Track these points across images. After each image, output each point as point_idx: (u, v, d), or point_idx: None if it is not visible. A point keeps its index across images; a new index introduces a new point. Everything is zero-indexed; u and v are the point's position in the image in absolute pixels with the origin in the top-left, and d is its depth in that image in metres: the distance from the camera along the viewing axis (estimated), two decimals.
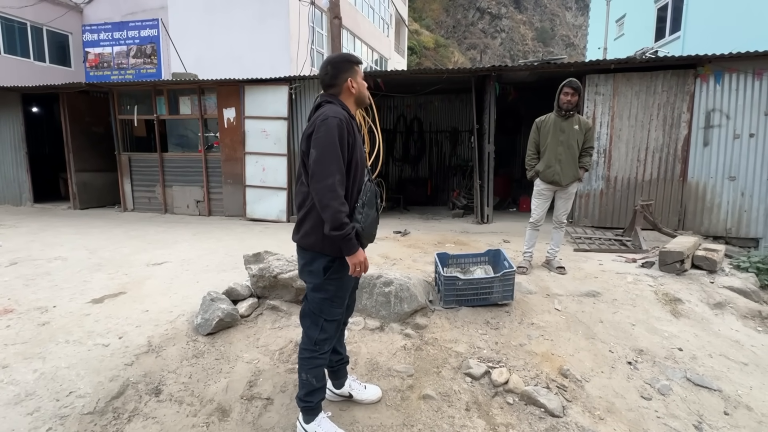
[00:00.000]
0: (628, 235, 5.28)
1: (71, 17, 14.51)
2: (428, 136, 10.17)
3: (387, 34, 20.36)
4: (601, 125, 6.12)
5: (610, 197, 6.20)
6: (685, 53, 6.83)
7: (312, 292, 1.87)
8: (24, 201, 8.96)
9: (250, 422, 2.10)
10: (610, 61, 5.95)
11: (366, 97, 1.90)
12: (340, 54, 1.92)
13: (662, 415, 2.18)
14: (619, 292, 3.48)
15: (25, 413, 2.05)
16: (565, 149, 3.77)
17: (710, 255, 3.93)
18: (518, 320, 2.99)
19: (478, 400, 2.26)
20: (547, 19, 41.13)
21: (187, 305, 3.18)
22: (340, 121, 1.69)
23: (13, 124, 8.73)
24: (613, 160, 6.14)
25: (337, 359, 2.14)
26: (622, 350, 2.70)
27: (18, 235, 6.01)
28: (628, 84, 5.98)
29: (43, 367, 2.41)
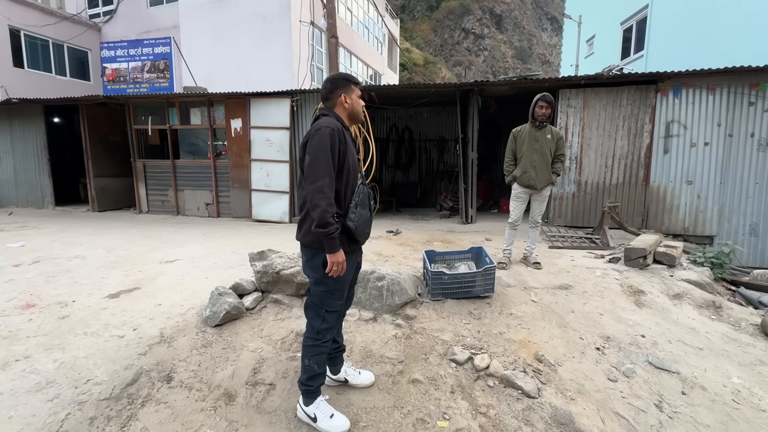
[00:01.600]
0: (597, 234, 5.32)
1: (90, 35, 14.35)
2: (418, 145, 10.19)
3: (381, 51, 20.37)
4: (572, 135, 6.18)
5: (581, 199, 6.25)
6: (647, 70, 6.92)
7: (314, 285, 1.89)
8: (46, 204, 8.83)
9: (254, 406, 2.09)
10: (580, 77, 6.02)
11: (359, 114, 1.92)
12: (339, 73, 1.96)
13: (627, 396, 2.20)
14: (588, 285, 3.50)
15: (46, 400, 2.02)
16: (539, 156, 3.80)
17: (670, 251, 3.98)
18: (498, 311, 3.01)
19: (462, 383, 2.27)
20: (526, 39, 41.46)
21: (196, 299, 3.16)
22: (332, 130, 1.73)
23: (36, 134, 8.61)
24: (583, 166, 6.20)
25: (334, 347, 2.14)
26: (591, 337, 2.72)
27: (40, 235, 5.92)
28: (597, 98, 6.05)
29: (62, 357, 2.37)
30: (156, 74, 12.20)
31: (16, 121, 8.69)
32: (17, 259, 4.49)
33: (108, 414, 1.98)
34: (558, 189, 6.24)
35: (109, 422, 1.94)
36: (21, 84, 12.01)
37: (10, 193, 9.03)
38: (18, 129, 8.71)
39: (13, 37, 12.16)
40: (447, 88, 6.81)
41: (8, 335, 2.64)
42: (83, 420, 1.92)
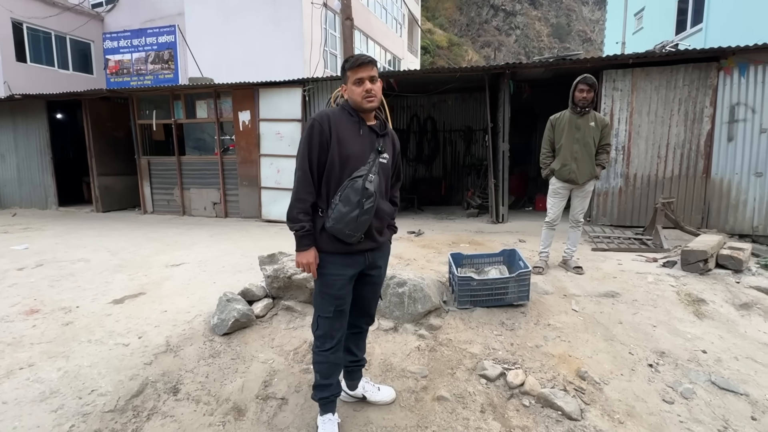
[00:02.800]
0: (648, 234, 5.14)
1: (92, 26, 14.95)
2: (442, 136, 10.11)
3: (400, 34, 20.35)
4: (619, 121, 5.98)
5: (630, 195, 6.05)
6: (707, 46, 6.62)
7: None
8: (49, 204, 9.27)
9: (266, 422, 2.12)
10: (628, 56, 5.81)
11: (358, 104, 1.83)
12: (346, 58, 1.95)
13: (685, 420, 2.11)
14: (639, 293, 3.39)
15: (50, 410, 2.11)
16: (581, 147, 3.70)
17: (736, 254, 3.80)
18: (534, 321, 2.94)
19: (494, 402, 2.23)
20: (563, 15, 40.46)
21: (204, 306, 3.24)
22: (314, 121, 1.80)
23: (39, 131, 9.05)
24: (632, 157, 6.00)
25: (351, 360, 2.14)
26: (643, 352, 2.63)
27: (44, 237, 6.22)
28: (648, 79, 5.83)
29: (66, 365, 2.48)
30: (160, 65, 12.60)
31: (19, 117, 9.15)
32: (21, 262, 4.73)
33: (113, 427, 2.06)
34: (602, 183, 6.06)
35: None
36: (24, 79, 12.65)
37: (14, 193, 9.53)
38: (21, 126, 9.18)
39: (15, 30, 12.81)
40: (474, 72, 6.73)
41: (12, 342, 2.78)
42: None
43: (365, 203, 1.75)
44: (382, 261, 2.04)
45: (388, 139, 1.95)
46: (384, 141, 1.91)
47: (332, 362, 1.96)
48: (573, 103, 3.68)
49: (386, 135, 1.94)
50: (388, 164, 1.94)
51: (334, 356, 1.95)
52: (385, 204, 1.96)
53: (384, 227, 1.99)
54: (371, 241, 1.90)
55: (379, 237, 1.95)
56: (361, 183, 1.75)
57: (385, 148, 1.91)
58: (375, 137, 1.89)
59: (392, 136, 2.01)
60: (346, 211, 1.74)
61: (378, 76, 1.87)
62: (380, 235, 1.95)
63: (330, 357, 1.93)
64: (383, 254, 2.05)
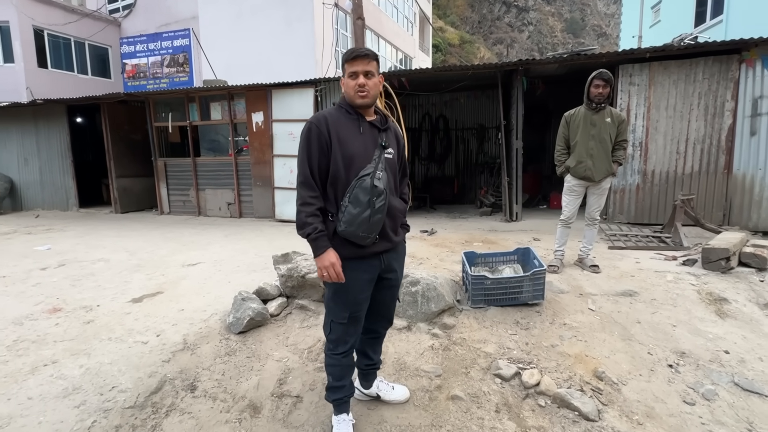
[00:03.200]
0: (667, 232, 5.03)
1: (110, 31, 15.31)
2: (454, 134, 10.05)
3: (411, 32, 20.30)
4: (636, 117, 5.86)
5: (647, 192, 5.92)
6: (728, 38, 6.43)
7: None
8: (70, 206, 9.52)
9: (281, 419, 2.15)
10: (645, 50, 5.69)
11: (351, 98, 1.76)
12: None
13: (707, 422, 2.06)
14: (658, 292, 3.31)
15: (73, 406, 2.17)
16: (597, 143, 3.63)
17: (759, 252, 3.68)
18: (549, 320, 2.91)
19: (509, 401, 2.21)
20: (577, 9, 39.81)
21: (219, 304, 3.29)
22: (311, 124, 1.75)
23: (60, 134, 9.30)
24: (650, 153, 5.87)
25: (366, 363, 2.13)
26: (663, 352, 2.57)
27: (65, 238, 6.39)
28: (666, 73, 5.70)
29: (88, 362, 2.55)
30: (175, 68, 12.81)
31: (41, 122, 9.42)
32: (44, 262, 4.87)
33: (133, 423, 2.10)
34: (619, 180, 5.95)
35: (134, 431, 2.05)
36: (45, 84, 13.03)
37: (36, 196, 9.82)
38: (43, 130, 9.45)
39: (37, 37, 13.20)
40: (487, 69, 6.67)
41: (36, 339, 2.87)
42: (109, 428, 2.05)
43: (376, 202, 1.68)
44: (398, 263, 1.96)
45: (390, 133, 1.88)
46: (387, 135, 1.84)
47: (345, 365, 1.94)
48: (588, 99, 3.62)
49: (388, 129, 1.87)
50: (394, 159, 1.87)
51: (346, 359, 1.94)
52: (396, 201, 1.89)
53: (398, 226, 1.91)
54: (386, 241, 1.82)
55: (394, 236, 1.87)
56: (369, 181, 1.68)
57: (389, 142, 1.83)
58: (377, 132, 1.82)
59: (394, 130, 1.94)
60: (357, 213, 1.67)
61: (376, 72, 1.77)
62: (395, 234, 1.88)
63: (343, 360, 1.92)
64: (399, 255, 1.97)
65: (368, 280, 1.84)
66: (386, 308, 2.03)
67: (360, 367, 2.14)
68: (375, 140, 1.79)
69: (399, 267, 1.98)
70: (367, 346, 2.10)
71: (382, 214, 1.72)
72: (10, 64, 12.87)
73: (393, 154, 1.85)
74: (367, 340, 2.08)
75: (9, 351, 2.72)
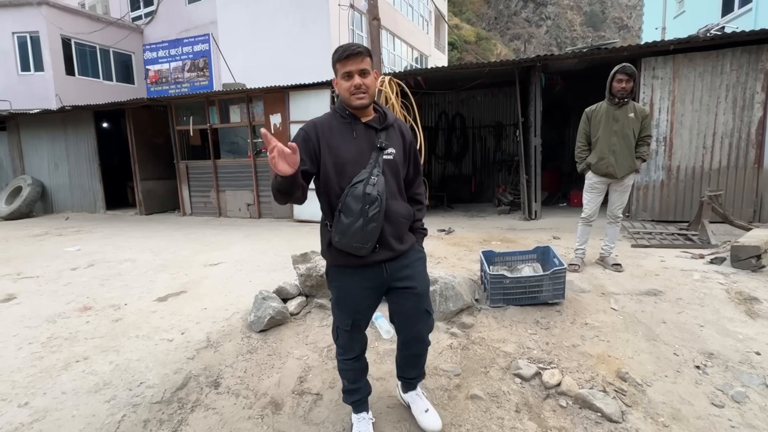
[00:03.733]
0: (694, 229, 4.87)
1: (133, 38, 15.77)
2: (471, 132, 9.98)
3: (426, 31, 20.21)
4: (659, 111, 5.70)
5: (672, 188, 5.75)
6: (757, 27, 6.18)
7: None
8: (98, 208, 9.86)
9: (302, 416, 2.18)
10: (669, 42, 5.52)
11: (346, 100, 1.66)
12: None
13: (737, 425, 1.99)
14: (684, 291, 3.22)
15: (104, 401, 2.26)
16: (620, 139, 3.55)
17: None
18: (570, 320, 2.86)
19: (529, 401, 2.19)
20: (597, 2, 38.87)
21: (241, 303, 3.36)
22: (300, 130, 1.70)
23: (88, 139, 9.64)
24: (674, 148, 5.70)
25: (399, 375, 2.07)
26: (689, 353, 2.50)
27: (94, 239, 6.63)
28: (691, 65, 5.52)
29: (117, 359, 2.64)
30: (196, 73, 13.12)
31: (69, 127, 9.79)
32: (74, 262, 5.07)
33: (160, 417, 2.17)
34: (642, 177, 5.80)
35: (162, 426, 2.12)
36: (73, 91, 13.52)
37: (66, 199, 10.21)
38: (71, 135, 9.82)
39: (64, 46, 13.72)
40: (504, 66, 6.60)
41: (69, 336, 2.99)
42: (138, 422, 2.12)
43: (369, 210, 1.56)
44: (411, 271, 1.77)
45: (393, 131, 1.74)
46: (388, 134, 1.71)
47: (357, 369, 1.93)
48: (611, 94, 3.55)
49: (389, 127, 1.73)
50: (396, 159, 1.71)
51: (358, 363, 1.93)
52: (399, 205, 1.72)
53: (402, 232, 1.75)
54: (387, 250, 1.69)
55: (397, 244, 1.72)
56: (361, 189, 1.57)
57: (390, 142, 1.70)
58: (374, 133, 1.69)
59: (399, 127, 1.78)
60: (349, 222, 1.58)
61: (371, 69, 1.64)
62: (398, 241, 1.73)
63: (354, 365, 1.91)
64: (409, 263, 1.77)
65: (370, 289, 1.75)
66: (407, 320, 1.82)
67: (400, 376, 2.08)
68: (371, 142, 1.67)
69: (414, 275, 1.78)
70: (403, 362, 1.99)
71: (377, 223, 1.59)
72: (40, 72, 13.42)
73: (394, 154, 1.70)
74: (402, 357, 1.98)
75: (44, 347, 2.84)
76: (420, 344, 1.89)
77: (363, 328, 1.89)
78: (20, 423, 2.10)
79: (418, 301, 1.80)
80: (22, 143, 10.37)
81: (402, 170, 1.76)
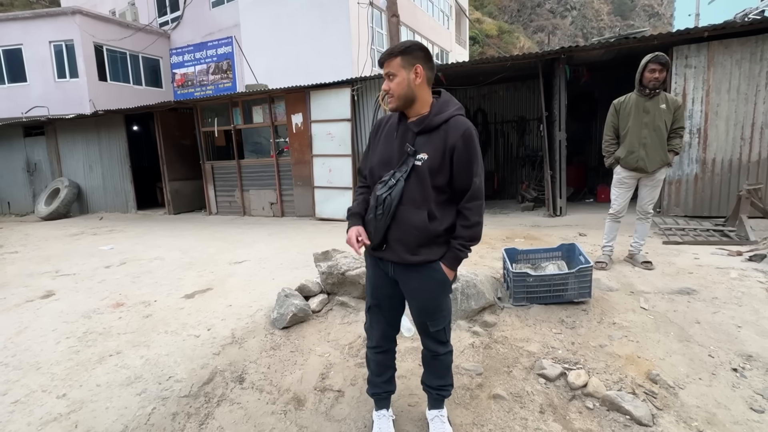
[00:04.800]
0: (731, 225, 4.64)
1: (160, 43, 16.28)
2: (493, 128, 9.81)
3: (447, 26, 20.00)
4: (693, 101, 5.45)
5: (707, 182, 5.49)
6: None
7: None
8: (129, 208, 10.25)
9: (324, 412, 2.21)
10: (703, 29, 5.26)
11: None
12: None
13: None
14: (720, 290, 3.07)
15: (135, 394, 2.35)
16: (651, 132, 3.41)
17: None
18: (597, 319, 2.78)
19: (554, 402, 2.14)
20: None
21: (264, 300, 3.42)
22: (376, 120, 1.84)
23: (119, 142, 10.03)
24: (709, 140, 5.44)
25: (422, 380, 1.99)
26: (726, 355, 2.39)
27: (126, 238, 6.90)
28: (727, 52, 5.24)
29: (147, 354, 2.74)
30: (220, 75, 13.43)
31: (103, 131, 10.21)
32: (107, 260, 5.29)
33: (188, 411, 2.24)
34: (674, 171, 5.56)
35: (189, 419, 2.19)
36: (105, 96, 14.10)
37: (100, 199, 10.65)
38: (105, 139, 10.23)
39: (97, 53, 14.30)
40: (527, 59, 6.45)
41: (103, 332, 3.13)
42: (167, 415, 2.20)
43: (377, 210, 1.65)
44: (414, 284, 1.72)
45: (437, 134, 1.61)
46: (429, 138, 1.62)
47: (377, 362, 1.94)
48: (641, 84, 3.41)
49: (433, 130, 1.62)
50: (426, 166, 1.59)
51: (379, 356, 1.93)
52: (415, 215, 1.62)
53: (413, 243, 1.65)
54: (393, 253, 1.69)
55: (404, 253, 1.66)
56: (380, 191, 1.66)
57: (425, 147, 1.61)
58: (411, 136, 1.64)
59: (447, 130, 1.61)
60: (369, 218, 1.73)
61: (399, 70, 1.61)
62: (406, 250, 1.66)
63: (376, 356, 1.93)
64: (418, 276, 1.70)
65: (382, 276, 1.80)
66: (420, 320, 1.82)
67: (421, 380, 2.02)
68: (404, 145, 1.65)
69: (417, 287, 1.73)
70: (423, 361, 1.96)
71: (382, 223, 1.65)
72: (75, 79, 14.04)
73: (425, 160, 1.60)
74: (422, 356, 1.95)
75: (80, 342, 2.98)
76: (429, 340, 1.85)
77: (382, 316, 1.88)
78: (59, 413, 2.21)
79: (422, 316, 1.80)
80: (59, 147, 10.87)
81: (434, 178, 1.62)
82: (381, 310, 1.88)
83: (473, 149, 1.61)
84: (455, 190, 1.66)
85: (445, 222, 1.67)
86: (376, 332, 1.91)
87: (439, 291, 1.74)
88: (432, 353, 1.87)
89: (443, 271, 1.70)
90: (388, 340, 1.93)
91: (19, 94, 14.02)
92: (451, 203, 1.69)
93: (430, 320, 1.79)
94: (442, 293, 1.76)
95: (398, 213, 1.64)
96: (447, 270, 1.70)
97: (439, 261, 1.69)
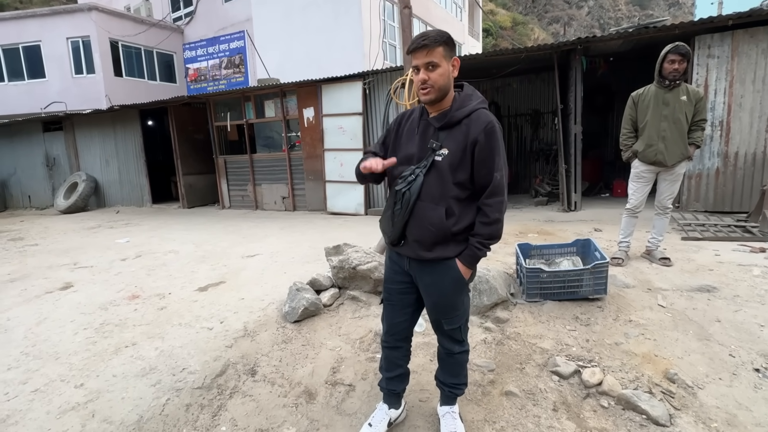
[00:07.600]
0: (754, 221, 4.50)
1: (174, 38, 16.42)
2: (507, 121, 9.67)
3: (460, 18, 19.73)
4: (715, 93, 5.27)
5: (729, 177, 5.33)
6: None
7: None
8: (145, 202, 10.42)
9: (334, 406, 2.21)
10: (727, 17, 5.07)
11: (417, 93, 1.65)
12: None
13: None
14: (742, 288, 2.98)
15: (150, 384, 2.39)
16: (670, 124, 3.31)
17: None
18: (613, 316, 2.72)
19: (567, 400, 2.11)
20: None
21: (276, 294, 3.44)
22: (398, 115, 1.81)
23: (134, 137, 10.18)
24: (732, 132, 5.26)
25: (435, 375, 1.98)
26: (747, 355, 2.32)
27: (141, 231, 7.02)
28: (753, 41, 5.05)
29: (162, 345, 2.78)
30: (232, 69, 13.49)
31: (118, 126, 10.37)
32: (124, 253, 5.38)
33: (201, 402, 2.27)
34: (694, 165, 5.41)
35: (203, 410, 2.22)
36: (120, 92, 14.30)
37: (116, 193, 10.85)
38: (120, 134, 10.40)
39: (112, 49, 14.50)
40: (541, 51, 6.32)
41: (119, 323, 3.19)
42: (180, 406, 2.23)
43: (395, 206, 1.65)
44: (428, 279, 1.70)
45: (458, 129, 1.58)
46: (450, 133, 1.59)
47: (385, 356, 1.95)
48: (661, 76, 3.31)
49: (454, 125, 1.59)
50: (446, 162, 1.57)
51: (385, 351, 1.95)
52: (432, 211, 1.60)
53: (429, 239, 1.63)
54: (409, 249, 1.69)
55: (420, 249, 1.65)
56: (397, 187, 1.65)
57: (447, 142, 1.59)
58: (432, 132, 1.63)
59: (468, 125, 1.58)
60: (384, 209, 1.76)
61: (442, 60, 1.54)
62: (422, 247, 1.65)
63: (383, 350, 1.96)
64: (432, 273, 1.69)
65: (398, 271, 1.80)
66: (431, 312, 1.80)
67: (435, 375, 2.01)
68: (426, 141, 1.63)
69: (431, 283, 1.71)
70: (438, 359, 1.94)
71: (399, 219, 1.64)
72: (91, 74, 14.27)
73: (445, 156, 1.58)
74: (437, 352, 1.94)
75: (97, 333, 3.04)
76: (444, 337, 1.84)
77: (390, 311, 1.88)
78: (76, 402, 2.26)
79: (435, 313, 1.79)
80: (77, 141, 11.09)
81: (454, 174, 1.59)
82: (391, 305, 1.89)
83: (496, 143, 1.58)
84: (478, 185, 1.63)
85: (463, 220, 1.64)
86: (384, 326, 1.94)
87: (453, 288, 1.71)
88: (446, 351, 1.86)
89: (458, 268, 1.66)
90: (394, 336, 1.91)
91: (38, 90, 14.31)
92: (473, 200, 1.65)
93: (444, 318, 1.77)
94: (456, 291, 1.72)
95: (416, 209, 1.62)
96: (463, 268, 1.66)
97: (456, 258, 1.66)
